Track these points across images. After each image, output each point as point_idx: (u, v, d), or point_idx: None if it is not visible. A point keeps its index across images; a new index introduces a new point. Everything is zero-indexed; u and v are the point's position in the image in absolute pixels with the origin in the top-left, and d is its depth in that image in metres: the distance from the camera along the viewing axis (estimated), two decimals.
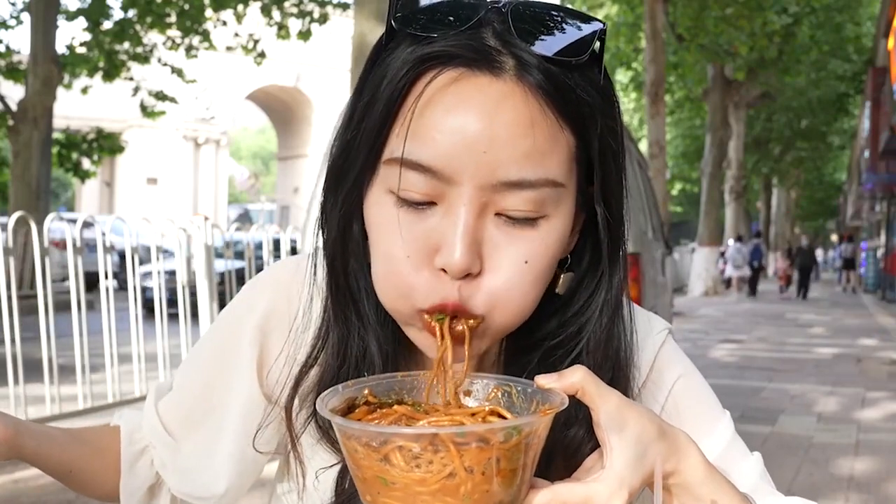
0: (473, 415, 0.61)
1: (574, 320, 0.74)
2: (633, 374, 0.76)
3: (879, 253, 23.21)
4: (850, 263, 26.99)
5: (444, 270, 0.64)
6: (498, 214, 0.65)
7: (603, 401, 0.61)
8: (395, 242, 0.66)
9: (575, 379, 0.60)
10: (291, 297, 0.82)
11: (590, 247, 0.74)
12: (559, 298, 0.74)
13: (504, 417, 0.61)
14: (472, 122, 0.62)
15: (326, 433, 0.78)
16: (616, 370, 0.74)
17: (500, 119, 0.63)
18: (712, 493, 0.65)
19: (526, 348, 0.75)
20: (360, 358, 0.75)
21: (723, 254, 23.12)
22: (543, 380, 0.61)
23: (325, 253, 0.75)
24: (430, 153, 0.63)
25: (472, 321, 0.66)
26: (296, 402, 0.79)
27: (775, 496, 0.78)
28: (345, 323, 0.76)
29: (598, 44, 0.67)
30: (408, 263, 0.66)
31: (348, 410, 0.63)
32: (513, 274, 0.65)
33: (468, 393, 0.67)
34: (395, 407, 0.64)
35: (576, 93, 0.65)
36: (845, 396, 7.07)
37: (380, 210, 0.68)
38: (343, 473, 0.77)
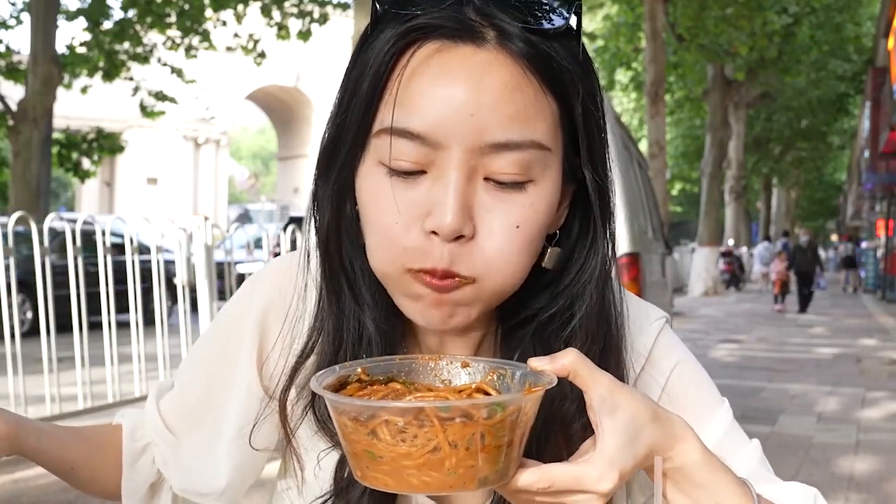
0: (460, 392, 0.62)
1: (566, 292, 0.75)
2: (625, 345, 0.77)
3: (879, 253, 23.20)
4: (849, 262, 27.00)
5: (435, 233, 0.65)
6: (487, 179, 0.66)
7: (595, 383, 0.61)
8: (386, 211, 0.67)
9: (566, 361, 0.61)
10: (288, 289, 0.82)
11: (579, 220, 0.75)
12: (549, 273, 0.75)
13: (487, 392, 0.62)
14: (458, 88, 0.64)
15: (324, 424, 0.78)
16: (608, 339, 0.75)
17: (484, 85, 0.64)
18: (710, 479, 0.65)
19: (521, 323, 0.76)
20: (356, 340, 0.76)
21: (725, 253, 23.15)
22: (536, 362, 0.62)
23: (318, 238, 0.76)
24: (419, 120, 0.65)
25: (464, 280, 0.67)
26: (293, 393, 0.79)
27: (774, 482, 0.78)
28: (339, 305, 0.76)
29: (575, 18, 0.69)
30: (398, 229, 0.67)
31: (340, 388, 0.63)
32: (505, 238, 0.67)
33: (465, 365, 0.68)
34: (392, 385, 0.65)
35: (556, 60, 0.67)
36: (845, 396, 7.07)
37: (371, 182, 0.69)
38: (342, 462, 0.77)
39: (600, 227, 0.74)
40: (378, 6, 0.69)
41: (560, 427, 0.73)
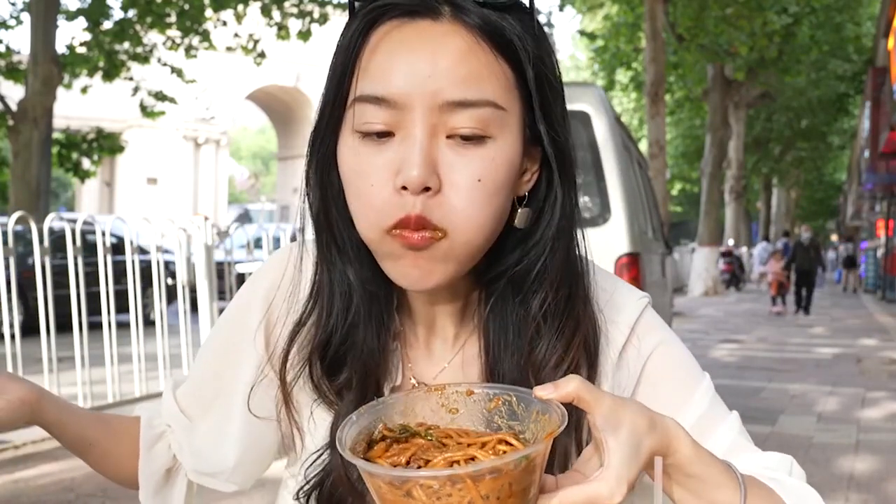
0: (483, 445, 0.64)
1: (535, 247, 0.80)
2: (591, 296, 0.83)
3: (879, 253, 23.19)
4: (850, 262, 26.99)
5: (405, 188, 0.71)
6: (449, 137, 0.73)
7: (598, 404, 0.63)
8: (362, 175, 0.74)
9: (570, 388, 0.63)
10: (290, 268, 0.89)
11: (545, 181, 0.81)
12: (520, 232, 0.81)
13: (510, 443, 0.64)
14: (417, 55, 0.72)
15: (324, 395, 0.83)
16: (574, 286, 0.82)
17: (440, 51, 0.72)
18: (699, 469, 0.69)
19: (494, 279, 0.82)
20: (347, 307, 0.82)
21: (725, 253, 23.16)
22: (541, 391, 0.64)
23: (311, 212, 0.82)
24: (383, 85, 0.72)
25: (436, 233, 0.73)
26: (293, 357, 0.85)
27: (753, 451, 0.83)
28: (331, 274, 0.82)
29: None
30: (374, 191, 0.73)
31: (367, 447, 0.66)
32: (468, 191, 0.73)
33: (470, 392, 0.70)
34: (416, 440, 0.67)
35: (507, 31, 0.74)
36: (845, 396, 7.08)
37: (348, 151, 0.76)
38: (338, 417, 0.82)
39: (558, 182, 0.80)
40: (354, 2, 0.77)
41: None
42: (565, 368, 0.79)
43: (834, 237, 47.81)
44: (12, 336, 4.60)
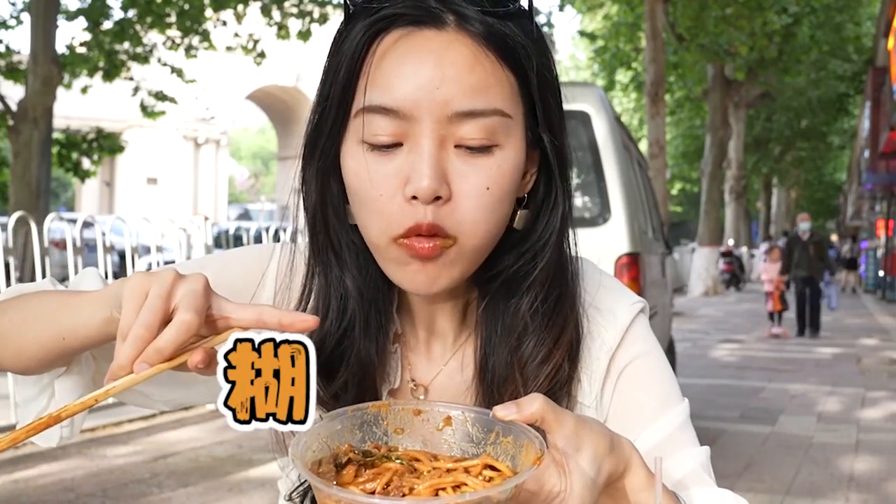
0: (467, 470, 0.61)
1: (531, 248, 0.82)
2: (579, 294, 0.84)
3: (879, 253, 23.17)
4: (852, 263, 26.99)
5: (415, 198, 0.72)
6: (457, 146, 0.73)
7: (560, 426, 0.62)
8: (370, 186, 0.74)
9: (534, 409, 0.61)
10: (271, 270, 0.89)
11: (543, 183, 0.82)
12: (518, 233, 0.82)
13: (494, 467, 0.61)
14: (424, 65, 0.72)
15: (318, 398, 0.79)
16: (564, 286, 0.82)
17: (447, 61, 0.72)
18: (647, 496, 0.67)
19: (491, 279, 0.82)
20: (342, 311, 0.80)
21: (725, 253, 23.17)
22: (502, 412, 0.62)
23: (306, 216, 0.82)
24: (391, 96, 0.72)
25: (447, 241, 0.73)
26: None
27: (708, 486, 0.80)
28: (327, 278, 0.82)
29: (527, 0, 0.77)
30: (383, 201, 0.73)
31: (337, 468, 0.61)
32: (477, 199, 0.73)
33: (418, 412, 0.67)
34: (386, 464, 0.62)
35: (511, 38, 0.74)
36: (845, 396, 7.08)
37: (354, 161, 0.75)
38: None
39: (559, 185, 0.81)
40: (350, 4, 0.76)
41: None
42: (551, 366, 0.79)
43: (834, 237, 47.81)
44: None
